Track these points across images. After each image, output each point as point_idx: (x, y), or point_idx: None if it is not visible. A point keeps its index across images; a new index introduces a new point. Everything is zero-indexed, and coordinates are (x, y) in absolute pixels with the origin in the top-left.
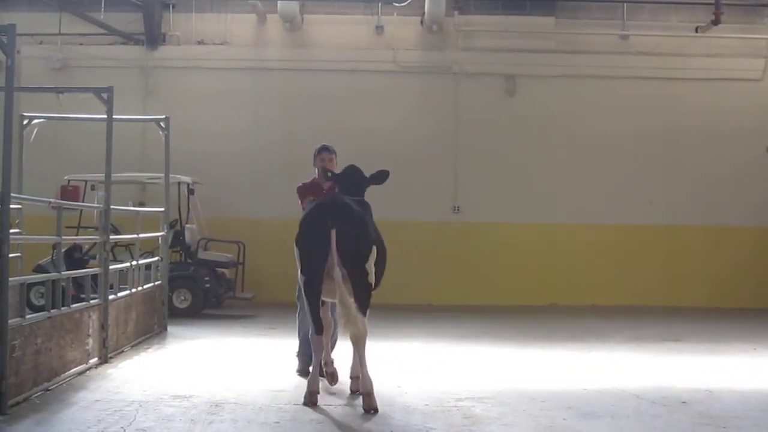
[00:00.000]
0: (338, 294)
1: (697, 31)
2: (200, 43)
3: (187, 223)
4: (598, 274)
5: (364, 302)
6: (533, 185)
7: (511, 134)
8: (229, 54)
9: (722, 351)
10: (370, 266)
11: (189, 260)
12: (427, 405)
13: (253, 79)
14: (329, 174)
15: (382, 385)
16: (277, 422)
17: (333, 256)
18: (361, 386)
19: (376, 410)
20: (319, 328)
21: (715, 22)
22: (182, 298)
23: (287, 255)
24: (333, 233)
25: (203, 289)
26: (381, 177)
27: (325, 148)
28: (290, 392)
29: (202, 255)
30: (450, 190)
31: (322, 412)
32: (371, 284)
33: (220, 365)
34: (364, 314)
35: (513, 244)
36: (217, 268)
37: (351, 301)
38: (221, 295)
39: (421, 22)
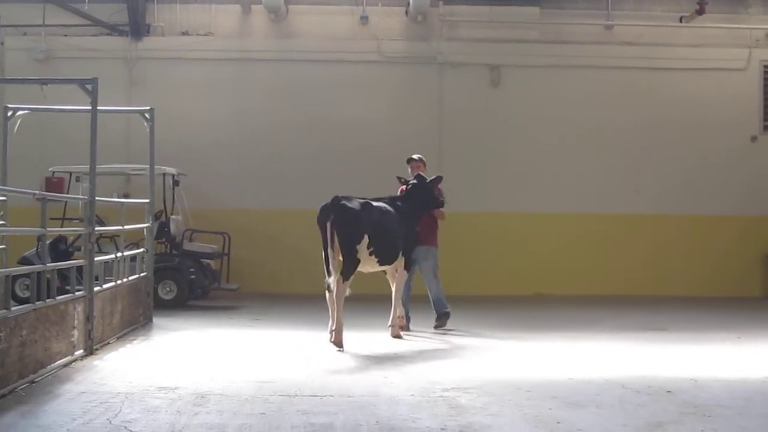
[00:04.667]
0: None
1: (681, 21)
2: (185, 33)
3: (172, 214)
4: (584, 264)
5: (345, 271)
6: (518, 175)
7: (496, 124)
8: (214, 45)
9: (707, 340)
10: (361, 248)
11: (174, 251)
12: (413, 395)
13: (238, 69)
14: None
15: (368, 376)
16: (263, 413)
17: (332, 238)
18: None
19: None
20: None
21: (700, 12)
22: (167, 289)
23: (272, 246)
24: (329, 225)
25: (188, 281)
26: (437, 181)
27: (411, 159)
28: (276, 383)
29: (187, 246)
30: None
31: (308, 402)
32: (355, 261)
33: (205, 356)
34: (345, 277)
35: (498, 234)
36: (202, 259)
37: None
38: (206, 287)
39: (406, 12)
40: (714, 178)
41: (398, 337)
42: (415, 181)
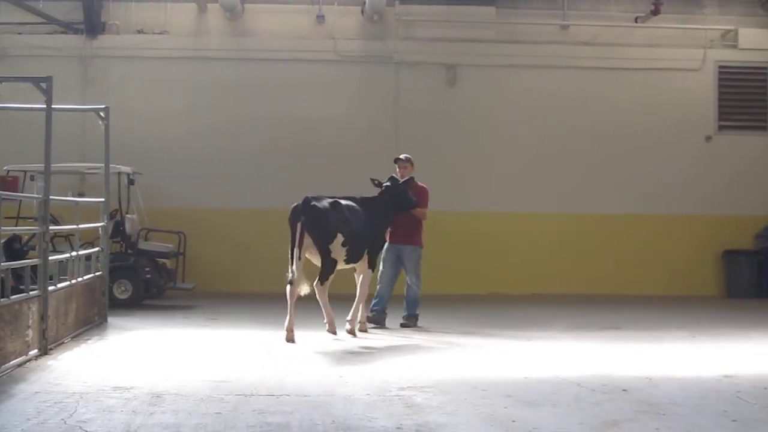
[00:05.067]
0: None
1: (636, 22)
2: (140, 32)
3: (127, 213)
4: (539, 263)
5: (323, 272)
6: (474, 174)
7: (452, 124)
8: (169, 43)
9: (662, 339)
10: (334, 247)
11: (129, 251)
12: (368, 394)
13: (194, 68)
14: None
15: (324, 375)
16: (219, 413)
17: (301, 239)
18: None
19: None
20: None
21: (655, 12)
22: (123, 288)
23: (228, 245)
24: (299, 225)
25: (144, 280)
26: (410, 182)
27: (398, 159)
28: (232, 383)
29: (142, 245)
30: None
31: (264, 402)
32: (331, 261)
33: (160, 356)
34: (322, 280)
35: (453, 234)
36: (157, 259)
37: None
38: (162, 286)
39: (362, 11)
40: (669, 177)
41: (353, 334)
42: (388, 183)
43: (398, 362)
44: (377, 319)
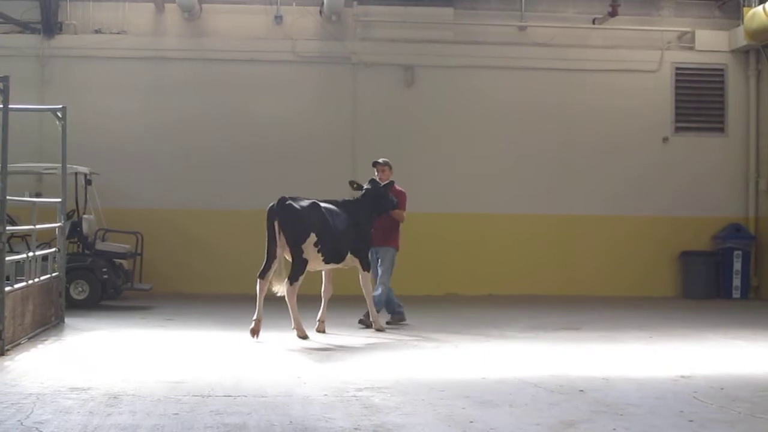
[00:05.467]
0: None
1: (594, 23)
2: (97, 32)
3: (84, 213)
4: (496, 264)
5: (294, 272)
6: (432, 175)
7: (410, 124)
8: (127, 43)
9: (619, 339)
10: (307, 247)
11: (86, 251)
12: (326, 395)
13: (151, 68)
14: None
15: (281, 376)
16: (176, 414)
17: (277, 237)
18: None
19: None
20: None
21: (612, 14)
22: (80, 289)
23: (185, 245)
24: (276, 224)
25: (101, 280)
26: (389, 185)
27: (376, 163)
28: (189, 384)
29: (99, 246)
30: (348, 180)
31: (221, 403)
32: (302, 261)
33: (118, 357)
34: (292, 280)
35: (410, 234)
36: (114, 259)
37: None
38: (119, 287)
39: (320, 12)
40: (626, 179)
41: (381, 330)
42: (369, 186)
43: (356, 363)
44: (393, 320)
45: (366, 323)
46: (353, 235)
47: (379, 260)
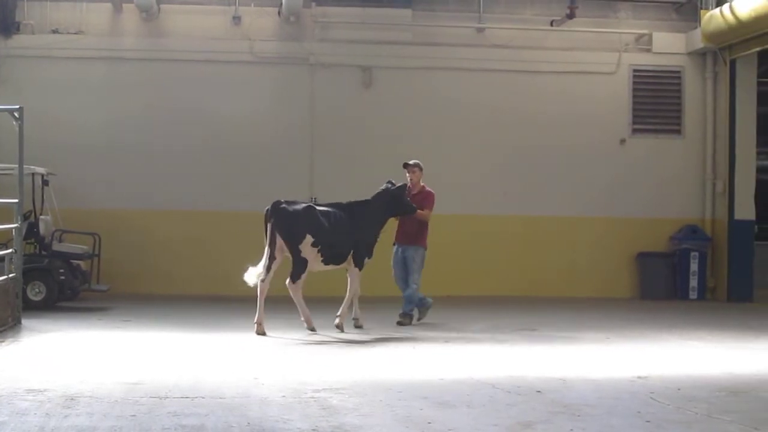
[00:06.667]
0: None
1: (552, 25)
2: (55, 32)
3: (41, 214)
4: (454, 265)
5: (294, 271)
6: (390, 176)
7: (368, 126)
8: (85, 43)
9: (576, 340)
10: (304, 247)
11: (43, 252)
12: (284, 396)
13: (109, 68)
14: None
15: (239, 377)
16: (134, 415)
17: (272, 239)
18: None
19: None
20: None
21: (570, 15)
22: (36, 290)
23: (143, 246)
24: (269, 225)
25: (58, 282)
26: (403, 188)
27: (407, 164)
28: (146, 385)
29: (56, 247)
30: (306, 182)
31: (179, 404)
32: (301, 260)
33: (75, 358)
34: (294, 279)
35: None
36: (72, 260)
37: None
38: (76, 288)
39: (279, 13)
40: (583, 180)
41: (340, 328)
42: (383, 187)
43: (314, 363)
44: (421, 314)
45: (403, 323)
46: (356, 236)
47: (407, 259)
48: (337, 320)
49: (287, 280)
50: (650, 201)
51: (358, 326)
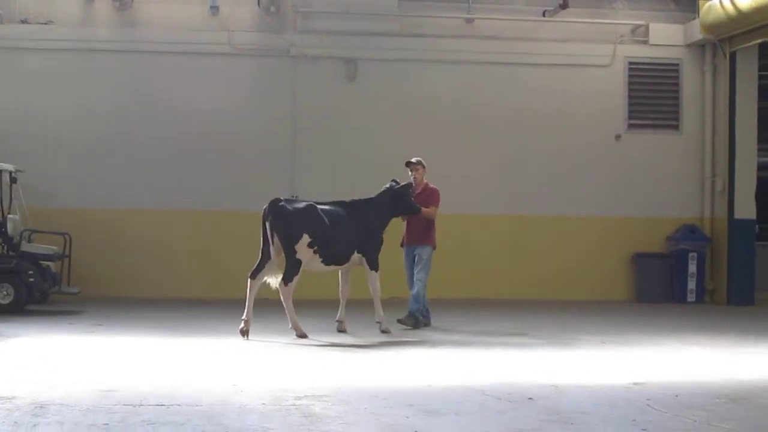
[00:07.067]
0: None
1: (544, 15)
2: (24, 22)
3: (9, 213)
4: (442, 267)
5: (287, 273)
6: (375, 173)
7: (352, 120)
8: (55, 34)
9: (570, 345)
10: (300, 248)
11: (11, 253)
12: (264, 404)
13: (80, 60)
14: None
15: (217, 384)
16: (106, 424)
17: (270, 238)
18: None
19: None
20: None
21: (563, 6)
22: (4, 293)
23: (116, 247)
24: (267, 224)
25: (27, 284)
26: (407, 187)
27: (410, 162)
28: (120, 392)
29: (25, 247)
30: (287, 178)
31: (154, 412)
32: (295, 262)
33: (44, 364)
34: (286, 281)
35: None
36: (41, 261)
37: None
38: (46, 290)
39: (258, 2)
40: (577, 177)
41: (386, 331)
42: (387, 186)
43: (296, 369)
44: (424, 322)
45: (405, 323)
46: (360, 236)
47: (416, 258)
48: (380, 326)
49: (278, 282)
50: (647, 199)
51: (341, 330)
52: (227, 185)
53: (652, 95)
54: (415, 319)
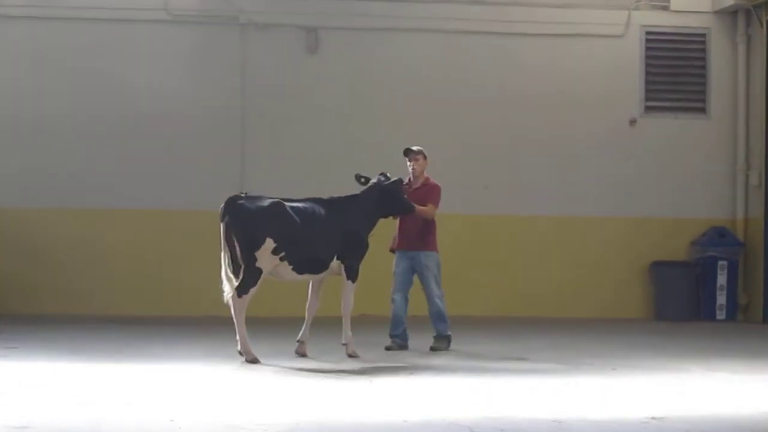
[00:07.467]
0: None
1: None
2: None
3: None
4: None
5: (243, 282)
6: (341, 160)
7: (313, 99)
8: None
9: (576, 372)
10: (261, 255)
11: None
12: None
13: None
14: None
15: (150, 417)
16: None
17: (228, 243)
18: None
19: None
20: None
21: None
22: None
23: (31, 255)
24: (223, 226)
25: None
26: (399, 182)
27: (409, 150)
28: (35, 429)
29: None
30: (236, 169)
31: None
32: (254, 270)
33: None
34: (240, 292)
35: None
36: None
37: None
38: None
39: None
40: (583, 170)
41: (354, 356)
42: (374, 181)
43: (245, 401)
44: (401, 346)
45: (438, 348)
46: (339, 239)
47: (416, 268)
48: (346, 348)
49: (230, 294)
50: (667, 197)
51: (300, 353)
52: (164, 177)
53: (673, 72)
54: (447, 339)
